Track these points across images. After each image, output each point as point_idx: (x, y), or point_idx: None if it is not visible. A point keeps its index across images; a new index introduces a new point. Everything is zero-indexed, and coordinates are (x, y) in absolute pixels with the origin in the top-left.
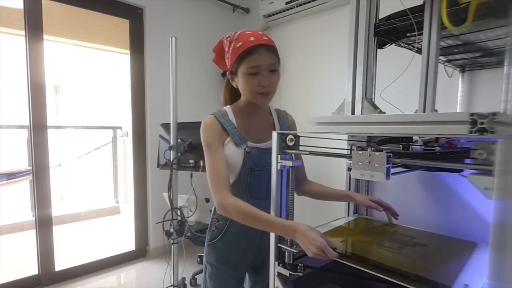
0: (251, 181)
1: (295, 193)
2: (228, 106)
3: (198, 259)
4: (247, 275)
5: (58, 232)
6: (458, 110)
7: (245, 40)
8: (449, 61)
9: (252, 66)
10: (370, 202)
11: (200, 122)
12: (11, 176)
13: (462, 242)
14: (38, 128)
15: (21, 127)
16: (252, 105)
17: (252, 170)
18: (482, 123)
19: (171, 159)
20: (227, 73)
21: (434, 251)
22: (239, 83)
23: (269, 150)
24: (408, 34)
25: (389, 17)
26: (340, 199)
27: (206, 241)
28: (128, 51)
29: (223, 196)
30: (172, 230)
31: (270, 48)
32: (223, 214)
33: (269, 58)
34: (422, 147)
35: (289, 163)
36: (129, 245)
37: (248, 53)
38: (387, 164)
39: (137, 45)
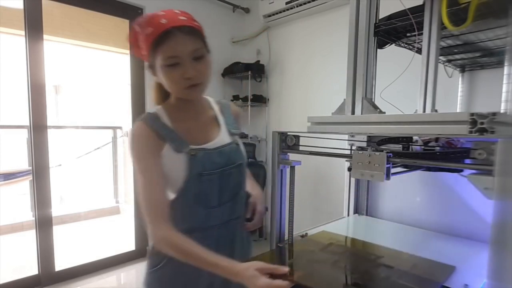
0: (201, 188)
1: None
2: (160, 106)
3: None
4: None
5: (58, 232)
6: (458, 110)
7: (156, 24)
8: (449, 61)
9: (168, 56)
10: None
11: None
12: (10, 176)
13: (438, 265)
14: (38, 128)
15: (21, 127)
16: (185, 101)
17: (200, 175)
18: (482, 123)
19: None
20: (146, 66)
21: (399, 274)
22: (160, 77)
23: (218, 149)
24: (408, 34)
25: (389, 17)
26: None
27: (146, 268)
28: (128, 51)
29: (159, 228)
30: None
31: (190, 31)
32: (159, 249)
33: (190, 43)
34: (422, 147)
35: (289, 163)
36: (129, 245)
37: (160, 40)
38: (387, 164)
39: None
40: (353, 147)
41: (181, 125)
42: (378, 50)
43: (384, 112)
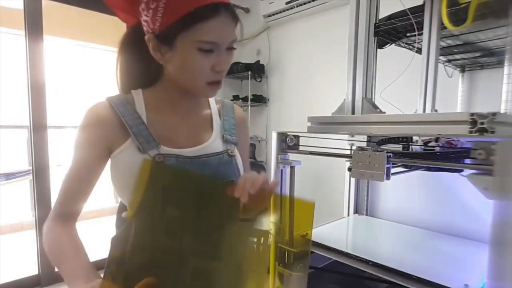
0: (164, 212)
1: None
2: (139, 90)
3: None
4: None
5: None
6: (458, 110)
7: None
8: (449, 61)
9: (208, 40)
10: None
11: None
12: (10, 176)
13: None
14: (38, 128)
15: (21, 127)
16: (184, 95)
17: (165, 192)
18: (482, 123)
19: None
20: (149, 35)
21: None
22: (176, 59)
23: (200, 159)
24: (408, 34)
25: (389, 17)
26: None
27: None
28: None
29: (50, 216)
30: None
31: (235, 13)
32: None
33: (232, 29)
34: (422, 147)
35: (289, 163)
36: None
37: (201, 15)
38: (387, 164)
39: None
40: (353, 147)
41: (158, 117)
42: (378, 50)
43: (384, 112)
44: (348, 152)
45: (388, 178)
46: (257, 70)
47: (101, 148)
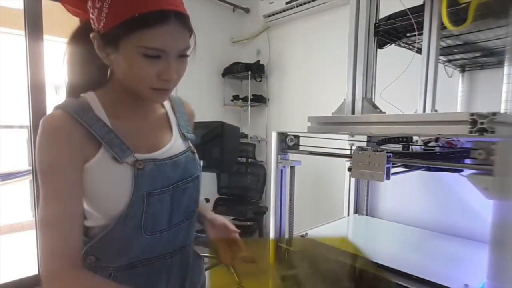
0: (148, 212)
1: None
2: (91, 93)
3: None
4: None
5: None
6: (458, 110)
7: (142, 1)
8: (449, 61)
9: (154, 46)
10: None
11: (200, 123)
12: (10, 176)
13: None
14: (38, 128)
15: (21, 127)
16: (137, 97)
17: (149, 196)
18: (482, 123)
19: None
20: (94, 34)
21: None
22: (121, 62)
23: (171, 159)
24: (408, 34)
25: (389, 17)
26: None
27: None
28: None
29: (61, 268)
30: None
31: (186, 20)
32: None
33: (183, 37)
34: (422, 147)
35: (289, 163)
36: None
37: (148, 20)
38: (387, 164)
39: None
40: (353, 147)
41: (120, 122)
42: (378, 50)
43: (384, 112)
44: (348, 152)
45: (388, 178)
46: (257, 70)
47: (77, 162)
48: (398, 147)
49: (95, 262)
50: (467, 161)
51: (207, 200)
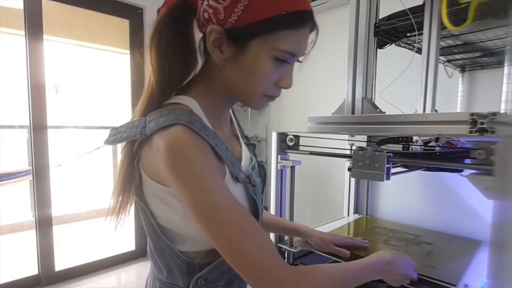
0: None
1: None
2: (191, 100)
3: None
4: None
5: (58, 232)
6: (458, 110)
7: None
8: (449, 61)
9: (288, 50)
10: (332, 247)
11: None
12: (10, 176)
13: (466, 240)
14: (38, 128)
15: (21, 127)
16: (230, 103)
17: (258, 216)
18: (482, 123)
19: None
20: (214, 27)
21: (439, 249)
22: (243, 63)
23: (254, 170)
24: (408, 34)
25: (389, 17)
26: (289, 233)
27: None
28: (128, 51)
29: (287, 269)
30: None
31: (315, 21)
32: None
33: (307, 41)
34: (422, 147)
35: (289, 163)
36: (129, 245)
37: (290, 22)
38: (387, 164)
39: (137, 45)
40: (353, 147)
41: (218, 134)
42: (378, 50)
43: (384, 112)
44: (348, 152)
45: (388, 178)
46: None
47: (221, 177)
48: (398, 147)
49: (205, 283)
50: (467, 161)
51: None
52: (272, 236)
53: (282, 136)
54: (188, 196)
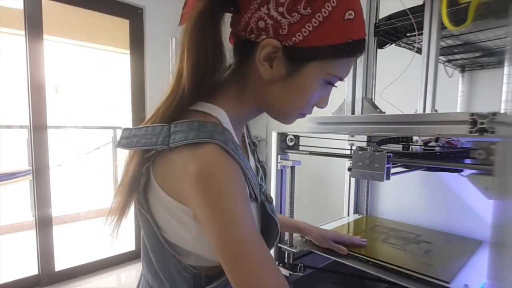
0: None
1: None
2: (222, 111)
3: None
4: None
5: (58, 232)
6: (458, 110)
7: (360, 23)
8: (449, 61)
9: (341, 77)
10: (331, 243)
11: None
12: (10, 176)
13: (467, 240)
14: (38, 128)
15: (21, 127)
16: (255, 114)
17: (272, 237)
18: (482, 123)
19: None
20: (272, 41)
21: (438, 248)
22: (291, 82)
23: (263, 181)
24: (408, 34)
25: (389, 17)
26: (289, 230)
27: None
28: (128, 51)
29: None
30: None
31: None
32: None
33: None
34: (422, 147)
35: (289, 163)
36: (129, 245)
37: (354, 50)
38: (387, 164)
39: (137, 45)
40: (353, 147)
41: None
42: (378, 50)
43: (384, 112)
44: (348, 152)
45: (388, 178)
46: None
47: (248, 202)
48: (398, 147)
49: None
50: (467, 161)
51: None
52: None
53: (282, 136)
54: (214, 224)
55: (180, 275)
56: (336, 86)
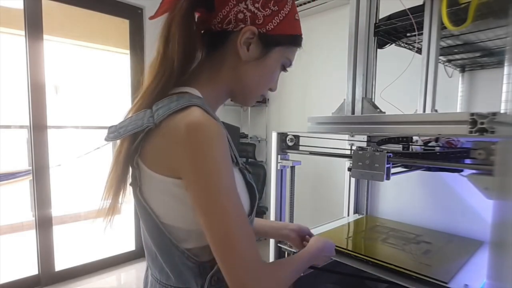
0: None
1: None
2: (196, 90)
3: None
4: None
5: (58, 232)
6: (458, 110)
7: (299, 24)
8: (449, 61)
9: (291, 62)
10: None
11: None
12: (10, 176)
13: (467, 240)
14: (38, 128)
15: (21, 127)
16: (224, 99)
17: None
18: (482, 123)
19: None
20: (250, 28)
21: (438, 249)
22: (260, 63)
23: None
24: (408, 34)
25: (389, 17)
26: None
27: None
28: (128, 51)
29: (265, 266)
30: None
31: None
32: None
33: None
34: (422, 147)
35: (289, 163)
36: (129, 245)
37: (300, 42)
38: (387, 164)
39: (137, 45)
40: (353, 147)
41: None
42: (378, 50)
43: (384, 112)
44: (348, 152)
45: (388, 178)
46: None
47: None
48: (398, 147)
49: (217, 281)
50: (467, 161)
51: None
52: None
53: (282, 136)
54: (199, 174)
55: (184, 266)
56: (287, 71)
